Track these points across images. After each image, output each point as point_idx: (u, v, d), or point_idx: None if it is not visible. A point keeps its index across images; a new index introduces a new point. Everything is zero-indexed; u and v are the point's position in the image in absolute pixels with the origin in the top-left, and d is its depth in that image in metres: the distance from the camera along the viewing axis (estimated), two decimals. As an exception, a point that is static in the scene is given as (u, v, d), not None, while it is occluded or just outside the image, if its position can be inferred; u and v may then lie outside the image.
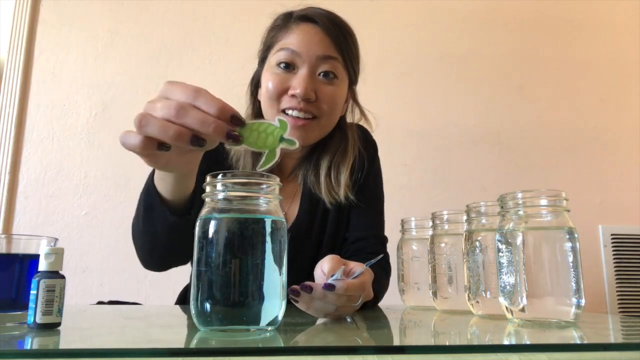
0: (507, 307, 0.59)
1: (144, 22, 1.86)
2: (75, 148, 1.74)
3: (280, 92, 0.87)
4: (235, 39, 1.86)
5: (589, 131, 1.96)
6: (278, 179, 0.51)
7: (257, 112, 0.97)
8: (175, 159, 0.57)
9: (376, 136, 1.09)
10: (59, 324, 0.49)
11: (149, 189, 0.71)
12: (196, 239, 0.49)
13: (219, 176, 0.50)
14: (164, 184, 0.68)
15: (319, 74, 0.88)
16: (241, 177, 0.50)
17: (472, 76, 1.95)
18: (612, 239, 1.86)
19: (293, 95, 0.86)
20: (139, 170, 1.70)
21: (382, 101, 1.87)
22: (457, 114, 1.91)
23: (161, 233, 0.72)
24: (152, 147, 0.50)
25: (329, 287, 0.56)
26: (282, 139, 0.46)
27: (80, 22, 1.84)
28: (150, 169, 0.69)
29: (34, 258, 0.53)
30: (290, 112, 0.87)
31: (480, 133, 1.91)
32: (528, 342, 0.47)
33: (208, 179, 0.50)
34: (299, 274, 0.85)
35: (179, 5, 1.88)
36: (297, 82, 0.86)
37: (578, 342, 0.47)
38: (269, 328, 0.48)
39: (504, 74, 1.97)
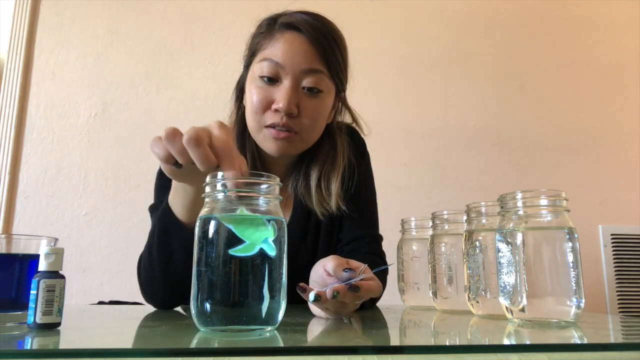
0: (507, 307, 0.59)
1: (144, 22, 1.86)
2: (75, 148, 1.74)
3: (265, 107, 0.86)
4: (235, 39, 1.86)
5: (589, 131, 1.96)
6: (278, 179, 0.51)
7: (241, 117, 0.95)
8: (189, 178, 0.65)
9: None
10: (59, 324, 0.49)
11: (164, 212, 0.73)
12: (196, 239, 0.49)
13: (219, 176, 0.50)
14: (180, 201, 0.71)
15: (303, 87, 0.86)
16: (241, 178, 0.50)
17: (472, 76, 1.95)
18: (612, 239, 1.86)
19: (276, 110, 0.84)
20: (139, 170, 1.71)
21: (382, 101, 1.87)
22: (457, 114, 1.91)
23: (177, 255, 0.73)
24: (171, 162, 0.58)
25: (354, 288, 0.56)
26: (265, 241, 0.47)
27: (80, 22, 1.84)
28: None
29: (34, 258, 0.53)
30: (272, 129, 0.86)
31: (480, 133, 1.91)
32: (528, 342, 0.47)
33: (208, 179, 0.50)
34: (295, 280, 0.84)
35: (179, 5, 1.88)
36: (280, 96, 0.84)
37: (578, 342, 0.47)
38: (269, 328, 0.48)
39: (504, 74, 1.97)
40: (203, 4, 1.89)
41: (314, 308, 0.65)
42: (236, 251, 0.46)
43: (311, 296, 0.56)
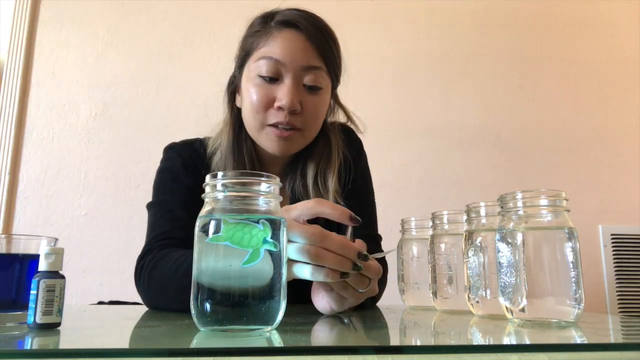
0: (507, 307, 0.59)
1: (144, 22, 1.86)
2: (75, 148, 1.74)
3: (266, 105, 0.85)
4: (235, 39, 1.86)
5: (589, 131, 1.96)
6: (278, 179, 0.51)
7: (235, 119, 0.95)
8: None
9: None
10: (59, 324, 0.49)
11: None
12: (196, 238, 0.49)
13: (219, 176, 0.50)
14: None
15: (304, 85, 0.86)
16: (241, 177, 0.50)
17: (472, 76, 1.95)
18: (612, 239, 1.86)
19: (279, 108, 0.84)
20: (139, 170, 1.71)
21: (382, 101, 1.87)
22: (457, 114, 1.91)
23: None
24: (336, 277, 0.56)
25: (363, 256, 0.57)
26: (265, 241, 0.48)
27: (80, 22, 1.84)
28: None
29: (34, 258, 0.53)
30: (275, 128, 0.86)
31: (480, 133, 1.91)
32: (528, 342, 0.47)
33: (208, 179, 0.50)
34: (295, 280, 0.84)
35: (179, 5, 1.88)
36: (283, 94, 0.84)
37: (578, 342, 0.47)
38: (269, 328, 0.48)
39: (504, 74, 1.97)
40: (203, 4, 1.89)
41: (316, 301, 0.65)
42: (246, 263, 0.47)
43: None
